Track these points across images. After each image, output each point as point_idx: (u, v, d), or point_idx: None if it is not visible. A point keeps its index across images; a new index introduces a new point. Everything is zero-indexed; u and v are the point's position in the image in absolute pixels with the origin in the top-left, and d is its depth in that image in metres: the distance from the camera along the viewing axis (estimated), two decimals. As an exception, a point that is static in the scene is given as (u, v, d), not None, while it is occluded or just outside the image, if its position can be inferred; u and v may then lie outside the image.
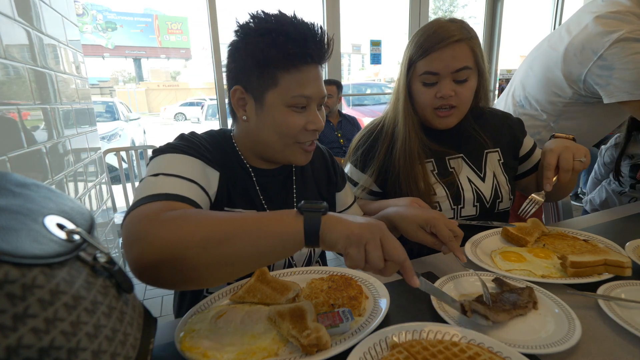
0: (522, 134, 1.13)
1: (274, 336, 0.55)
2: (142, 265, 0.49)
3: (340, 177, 0.97)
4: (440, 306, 0.62)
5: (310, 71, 0.71)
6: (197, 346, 0.52)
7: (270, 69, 0.69)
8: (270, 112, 0.72)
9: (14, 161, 1.09)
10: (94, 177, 1.89)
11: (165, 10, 12.03)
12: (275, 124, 0.72)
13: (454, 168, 1.05)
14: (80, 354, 0.33)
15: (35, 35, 1.32)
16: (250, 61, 0.69)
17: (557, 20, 4.09)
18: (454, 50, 0.92)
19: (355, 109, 6.72)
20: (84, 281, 0.36)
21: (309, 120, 0.73)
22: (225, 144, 0.80)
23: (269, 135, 0.74)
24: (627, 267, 0.70)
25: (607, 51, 1.15)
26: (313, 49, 0.69)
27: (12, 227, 0.33)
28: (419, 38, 0.96)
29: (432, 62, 0.93)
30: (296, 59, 0.68)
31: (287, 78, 0.69)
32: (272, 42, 0.67)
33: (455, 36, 0.91)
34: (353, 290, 0.67)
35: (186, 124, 12.97)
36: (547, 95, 1.36)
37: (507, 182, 1.07)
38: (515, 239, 0.89)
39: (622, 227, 1.02)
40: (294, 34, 0.67)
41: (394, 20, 3.98)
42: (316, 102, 0.74)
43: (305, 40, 0.68)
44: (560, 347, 0.52)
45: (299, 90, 0.70)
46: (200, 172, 0.69)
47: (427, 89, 0.97)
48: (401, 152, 1.01)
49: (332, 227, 0.52)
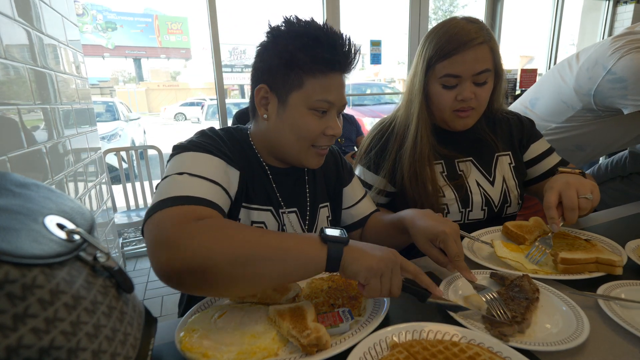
0: (530, 138, 1.11)
1: (274, 336, 0.55)
2: (168, 271, 0.52)
3: (347, 172, 0.97)
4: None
5: (336, 78, 0.73)
6: (197, 346, 0.52)
7: (297, 70, 0.70)
8: (292, 112, 0.73)
9: (14, 161, 1.09)
10: (94, 177, 1.89)
11: (165, 10, 12.04)
12: (295, 125, 0.74)
13: (462, 171, 1.04)
14: (80, 354, 0.33)
15: (35, 35, 1.32)
16: (278, 61, 0.71)
17: (557, 20, 4.09)
18: (477, 53, 0.91)
19: (355, 109, 6.71)
20: (84, 281, 0.36)
21: (328, 125, 0.75)
22: (243, 142, 0.81)
23: (287, 136, 0.75)
24: (618, 266, 0.70)
25: (616, 65, 1.15)
26: (341, 57, 0.71)
27: (12, 227, 0.33)
28: (439, 39, 0.93)
29: (454, 64, 0.92)
30: (323, 65, 0.70)
31: (313, 82, 0.71)
32: (303, 45, 0.69)
33: (477, 39, 0.90)
34: (353, 290, 0.67)
35: (186, 124, 12.97)
36: (556, 107, 1.36)
37: (517, 187, 1.06)
38: (515, 237, 0.90)
39: (622, 227, 1.02)
40: (324, 40, 0.69)
41: (394, 20, 3.98)
42: (336, 109, 0.76)
43: (334, 48, 0.70)
44: (568, 345, 0.52)
45: (322, 94, 0.72)
46: (222, 172, 0.71)
47: (446, 91, 0.95)
48: (411, 153, 1.00)
49: (354, 260, 0.57)
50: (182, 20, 11.71)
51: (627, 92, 1.14)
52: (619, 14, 4.28)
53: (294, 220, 0.85)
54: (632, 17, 4.08)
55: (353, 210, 0.96)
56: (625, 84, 1.14)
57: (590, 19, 4.50)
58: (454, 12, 4.89)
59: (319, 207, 0.89)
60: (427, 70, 0.97)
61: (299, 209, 0.86)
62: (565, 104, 1.33)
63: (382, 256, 0.58)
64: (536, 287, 0.66)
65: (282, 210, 0.83)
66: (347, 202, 0.97)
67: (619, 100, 1.17)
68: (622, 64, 1.14)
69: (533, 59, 5.71)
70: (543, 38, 4.29)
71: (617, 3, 4.27)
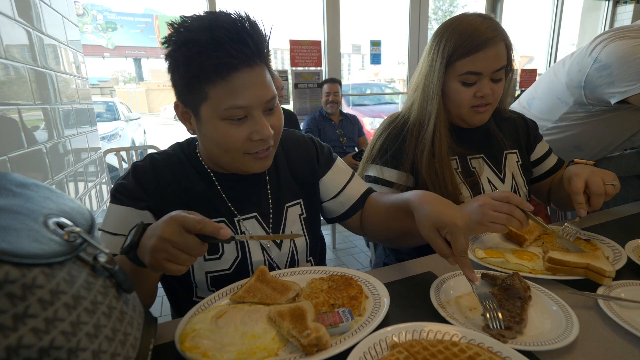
0: (535, 138, 1.13)
1: (274, 336, 0.55)
2: None
3: (325, 161, 0.91)
4: (440, 304, 0.62)
5: (240, 77, 0.63)
6: (197, 346, 0.52)
7: (194, 82, 0.64)
8: (207, 127, 0.68)
9: (14, 161, 1.09)
10: (94, 177, 1.89)
11: (166, 11, 12.04)
12: (215, 139, 0.68)
13: (475, 168, 1.04)
14: (80, 354, 0.33)
15: (35, 35, 1.32)
16: (177, 75, 0.66)
17: (557, 20, 4.09)
18: (497, 50, 0.91)
19: (355, 108, 6.71)
20: (84, 281, 0.36)
21: (252, 130, 0.67)
22: (186, 158, 0.79)
23: (213, 149, 0.72)
24: (608, 277, 0.66)
25: (601, 53, 1.17)
26: (232, 53, 0.61)
27: (13, 227, 0.33)
28: (459, 37, 0.92)
29: (476, 62, 0.91)
30: (217, 69, 0.62)
31: (216, 90, 0.64)
32: (189, 54, 0.61)
33: (497, 36, 0.91)
34: (353, 290, 0.67)
35: (186, 124, 12.98)
36: (551, 104, 1.37)
37: (525, 184, 1.08)
38: (514, 237, 0.89)
39: (622, 227, 1.02)
40: (205, 43, 0.60)
41: (394, 20, 3.98)
42: (260, 109, 0.67)
43: (219, 47, 0.60)
44: (558, 344, 0.52)
45: (230, 101, 0.64)
46: (131, 221, 0.70)
47: (465, 89, 0.95)
48: (429, 152, 0.99)
49: (143, 252, 0.56)
50: (182, 21, 11.70)
51: (613, 78, 1.16)
52: (618, 14, 4.28)
53: (254, 226, 0.80)
54: (632, 17, 4.09)
55: (341, 198, 0.90)
56: (610, 70, 1.16)
57: (590, 19, 4.50)
58: (454, 12, 4.88)
59: (285, 206, 0.84)
60: (445, 67, 0.95)
61: (260, 212, 0.81)
62: (558, 99, 1.35)
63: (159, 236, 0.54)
64: (527, 285, 0.66)
65: (237, 218, 0.79)
66: (330, 193, 0.90)
67: (606, 89, 1.19)
68: (606, 50, 1.17)
69: (533, 59, 5.71)
70: (543, 38, 4.30)
71: (617, 3, 4.27)
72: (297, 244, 0.85)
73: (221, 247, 0.77)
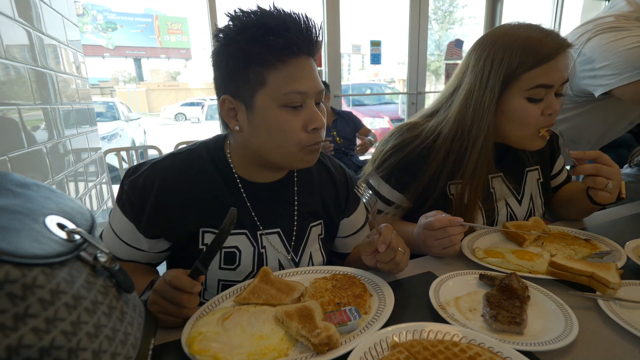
0: (556, 150, 1.08)
1: (282, 336, 0.55)
2: None
3: (352, 203, 0.89)
4: (439, 305, 0.62)
5: (300, 63, 0.64)
6: (207, 349, 0.51)
7: (254, 67, 0.63)
8: (263, 115, 0.65)
9: (14, 161, 1.09)
10: (94, 177, 1.89)
11: (166, 11, 12.00)
12: (270, 129, 0.66)
13: (494, 189, 0.98)
14: (81, 354, 0.33)
15: (35, 35, 1.32)
16: (233, 63, 0.65)
17: (557, 20, 4.09)
18: (565, 59, 0.81)
19: (355, 109, 6.71)
20: (85, 281, 0.36)
21: (307, 118, 0.66)
22: (209, 159, 0.75)
23: (267, 142, 0.68)
24: (612, 289, 0.63)
25: (585, 46, 1.19)
26: (298, 38, 0.62)
27: (13, 227, 0.33)
28: (523, 45, 0.80)
29: (549, 72, 0.79)
30: (281, 52, 0.62)
31: (275, 74, 0.63)
32: (252, 37, 0.62)
33: (565, 41, 0.80)
34: (357, 288, 0.67)
35: (186, 124, 12.97)
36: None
37: (542, 205, 1.03)
38: (514, 237, 0.89)
39: (622, 227, 1.02)
40: (274, 25, 0.61)
41: (394, 20, 3.98)
42: (313, 98, 0.67)
43: (287, 30, 0.61)
44: (558, 344, 0.52)
45: (290, 86, 0.64)
46: (130, 235, 0.74)
47: (533, 105, 0.83)
48: (470, 176, 0.89)
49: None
50: (182, 21, 11.70)
51: (596, 72, 1.17)
52: (619, 14, 4.27)
53: (276, 242, 0.77)
54: (632, 17, 4.07)
55: (350, 240, 0.91)
56: (594, 64, 1.17)
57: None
58: (453, 12, 4.87)
59: (309, 226, 0.81)
60: (507, 83, 0.83)
61: (284, 228, 0.78)
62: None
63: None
64: (525, 285, 0.66)
65: (260, 232, 0.76)
66: (346, 232, 0.90)
67: (590, 82, 1.20)
68: (590, 44, 1.18)
69: (533, 59, 5.69)
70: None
71: (617, 3, 4.25)
72: (315, 262, 0.83)
73: (238, 259, 0.75)
